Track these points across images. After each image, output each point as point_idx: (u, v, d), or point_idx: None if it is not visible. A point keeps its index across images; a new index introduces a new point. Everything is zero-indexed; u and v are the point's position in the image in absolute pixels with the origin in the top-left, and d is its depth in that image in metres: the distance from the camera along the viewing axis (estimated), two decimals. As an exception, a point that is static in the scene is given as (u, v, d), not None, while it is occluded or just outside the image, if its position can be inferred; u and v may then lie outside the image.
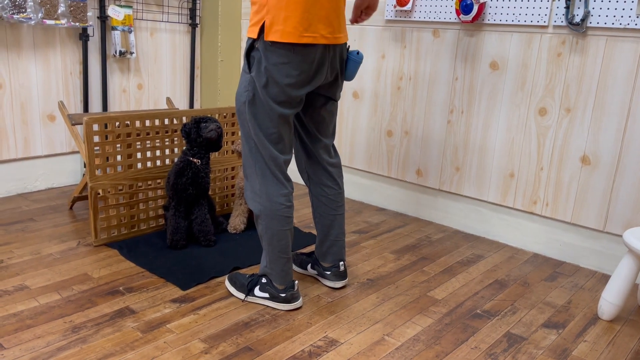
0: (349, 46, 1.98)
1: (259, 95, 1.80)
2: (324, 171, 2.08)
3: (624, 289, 2.00)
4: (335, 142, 3.36)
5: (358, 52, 1.93)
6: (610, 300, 2.02)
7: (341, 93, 3.12)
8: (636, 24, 2.22)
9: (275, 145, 1.86)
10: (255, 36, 1.77)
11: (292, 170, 3.63)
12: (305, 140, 2.06)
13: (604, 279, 2.42)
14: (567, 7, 2.37)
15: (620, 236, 2.42)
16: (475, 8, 2.58)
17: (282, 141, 1.87)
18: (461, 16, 2.64)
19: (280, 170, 1.89)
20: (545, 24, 2.46)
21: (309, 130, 2.03)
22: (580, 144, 2.46)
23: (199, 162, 2.39)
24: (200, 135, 2.35)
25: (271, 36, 1.73)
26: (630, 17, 2.23)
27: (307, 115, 2.00)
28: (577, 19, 2.36)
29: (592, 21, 2.33)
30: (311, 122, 2.01)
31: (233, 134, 2.81)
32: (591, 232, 2.50)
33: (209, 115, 2.43)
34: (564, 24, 2.41)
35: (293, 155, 2.05)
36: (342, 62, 1.93)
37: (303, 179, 2.15)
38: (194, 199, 2.44)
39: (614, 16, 2.27)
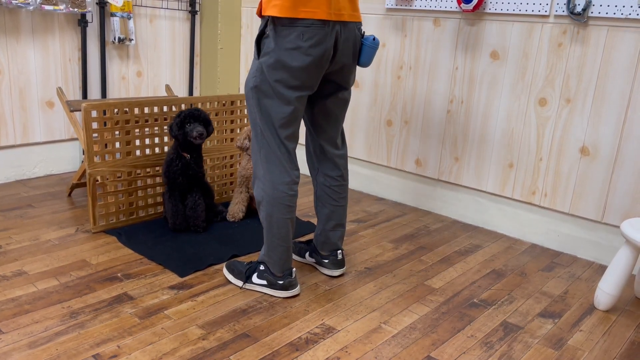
0: (364, 32, 1.92)
1: (269, 80, 1.78)
2: (330, 162, 2.07)
3: (621, 279, 2.00)
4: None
5: (374, 38, 1.87)
6: (606, 290, 2.03)
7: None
8: (638, 14, 2.21)
9: (281, 132, 1.83)
10: (264, 22, 1.76)
11: (302, 161, 3.62)
12: (312, 130, 2.04)
13: (601, 269, 2.43)
14: (569, -3, 2.36)
15: (618, 227, 2.43)
16: (477, -3, 2.56)
17: (290, 128, 1.84)
18: (462, 5, 2.63)
19: (286, 157, 1.86)
20: (547, 13, 2.45)
21: (315, 120, 2.01)
22: (579, 135, 2.46)
23: (188, 157, 2.40)
24: (187, 139, 2.35)
25: (269, 10, 1.71)
26: (632, 7, 2.22)
27: (315, 104, 1.98)
28: (579, 9, 2.35)
29: (594, 11, 2.31)
30: (319, 112, 1.98)
31: (232, 122, 2.81)
32: (589, 223, 2.51)
33: (195, 108, 2.38)
34: (566, 13, 2.39)
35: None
36: (355, 47, 1.87)
37: (309, 166, 2.14)
38: (187, 187, 2.45)
39: (616, 6, 2.26)
